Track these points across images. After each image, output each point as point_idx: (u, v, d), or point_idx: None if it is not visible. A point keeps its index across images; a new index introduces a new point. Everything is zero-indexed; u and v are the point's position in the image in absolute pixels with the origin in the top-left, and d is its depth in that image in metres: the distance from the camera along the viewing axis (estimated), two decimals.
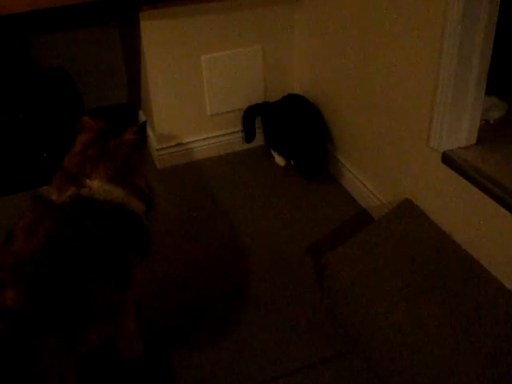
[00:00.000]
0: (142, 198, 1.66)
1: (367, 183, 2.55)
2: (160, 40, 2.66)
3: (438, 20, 1.85)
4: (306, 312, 2.06)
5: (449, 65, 1.85)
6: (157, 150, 2.90)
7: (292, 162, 2.88)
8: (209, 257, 2.36)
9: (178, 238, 2.47)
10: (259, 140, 3.05)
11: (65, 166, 1.62)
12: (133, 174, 1.66)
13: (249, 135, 3.00)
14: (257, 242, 2.42)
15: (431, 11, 1.88)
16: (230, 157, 3.02)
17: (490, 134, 2.06)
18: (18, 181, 2.80)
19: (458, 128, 1.97)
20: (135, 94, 3.30)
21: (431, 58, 1.93)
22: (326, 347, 1.93)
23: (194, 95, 2.86)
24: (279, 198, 2.71)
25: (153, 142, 2.97)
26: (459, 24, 1.76)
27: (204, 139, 2.99)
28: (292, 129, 2.78)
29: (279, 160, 2.93)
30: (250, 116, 2.96)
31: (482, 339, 1.67)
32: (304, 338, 1.97)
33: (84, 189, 1.53)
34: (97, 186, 1.55)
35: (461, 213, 1.98)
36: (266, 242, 2.42)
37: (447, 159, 1.98)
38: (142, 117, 3.19)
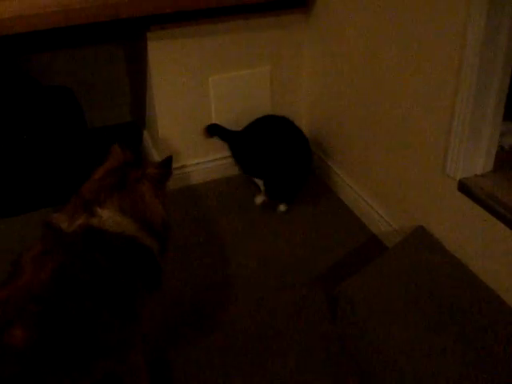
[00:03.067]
0: (155, 235, 1.59)
1: (378, 209, 2.50)
2: (167, 60, 2.62)
3: (456, 45, 1.82)
4: (318, 344, 1.99)
5: (467, 89, 1.81)
6: None
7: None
8: (212, 284, 2.29)
9: (181, 264, 2.40)
10: None
11: (81, 191, 1.56)
12: (148, 209, 1.59)
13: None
14: (263, 270, 2.35)
15: (450, 36, 1.85)
16: (236, 179, 2.97)
17: (506, 160, 2.02)
18: (22, 203, 2.75)
19: (475, 155, 1.93)
20: (139, 113, 3.26)
21: (449, 81, 1.90)
22: (340, 381, 1.86)
23: (200, 117, 2.82)
24: (285, 222, 2.66)
25: None
26: (479, 48, 1.73)
27: (210, 161, 2.95)
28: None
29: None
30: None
31: (502, 375, 1.62)
32: (317, 371, 1.89)
33: (94, 218, 1.48)
34: (107, 216, 1.49)
35: (478, 242, 1.93)
36: (273, 270, 2.35)
37: (463, 187, 1.94)
38: (147, 136, 3.14)
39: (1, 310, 1.27)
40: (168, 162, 1.70)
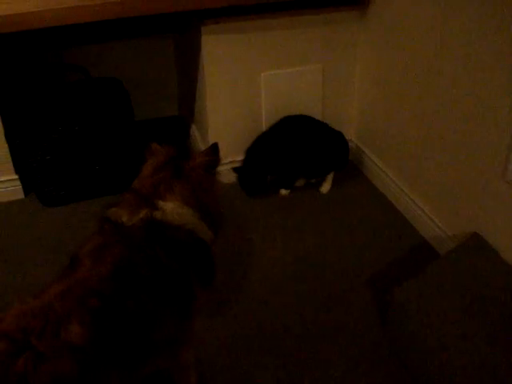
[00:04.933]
0: (211, 224, 1.59)
1: (430, 213, 2.44)
2: (220, 55, 2.60)
3: None
4: (367, 350, 1.95)
5: None
6: None
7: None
8: (261, 287, 2.25)
9: (229, 264, 2.39)
10: None
11: (136, 187, 1.55)
12: (207, 197, 1.59)
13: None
14: (311, 273, 2.32)
15: None
16: None
17: None
18: (72, 193, 2.77)
19: None
20: (187, 107, 3.25)
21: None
22: None
23: (251, 112, 2.79)
24: (331, 224, 2.61)
25: None
26: None
27: None
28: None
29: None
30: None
31: None
32: (365, 379, 1.86)
33: (157, 211, 1.47)
34: (171, 208, 1.48)
35: None
36: (321, 273, 2.31)
37: None
38: (195, 131, 3.13)
39: (58, 304, 1.24)
40: (214, 149, 1.69)
